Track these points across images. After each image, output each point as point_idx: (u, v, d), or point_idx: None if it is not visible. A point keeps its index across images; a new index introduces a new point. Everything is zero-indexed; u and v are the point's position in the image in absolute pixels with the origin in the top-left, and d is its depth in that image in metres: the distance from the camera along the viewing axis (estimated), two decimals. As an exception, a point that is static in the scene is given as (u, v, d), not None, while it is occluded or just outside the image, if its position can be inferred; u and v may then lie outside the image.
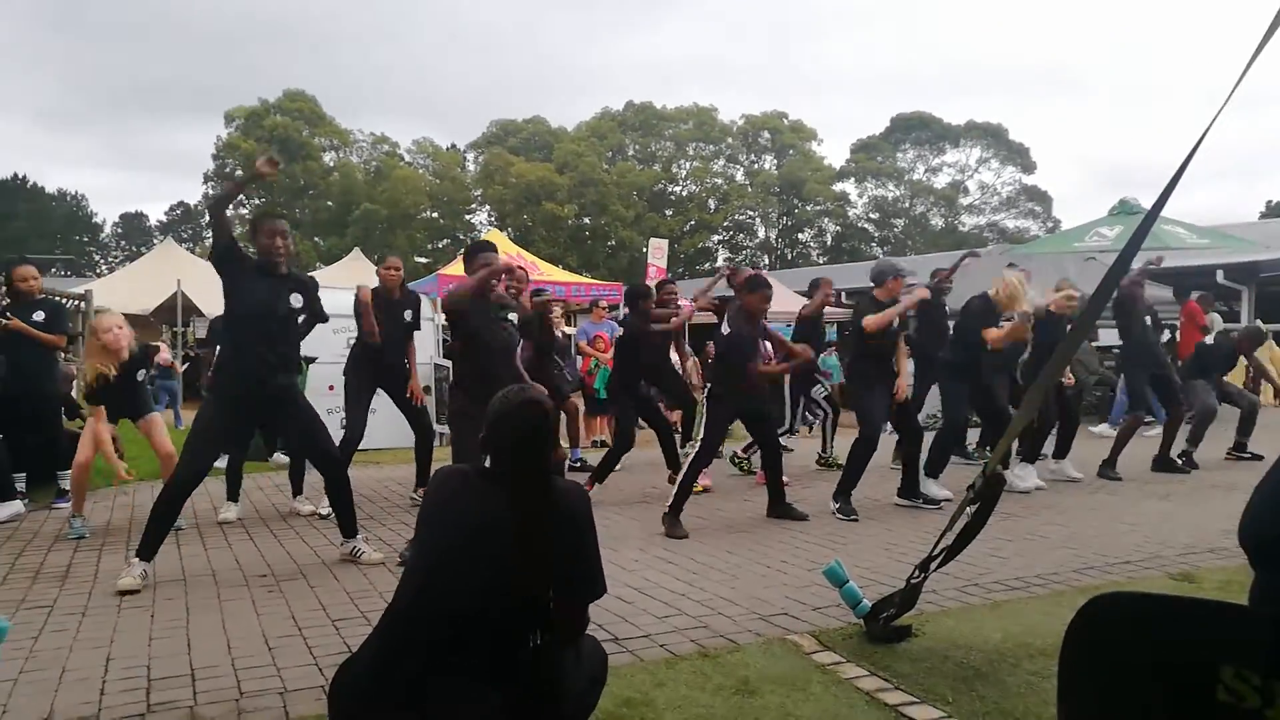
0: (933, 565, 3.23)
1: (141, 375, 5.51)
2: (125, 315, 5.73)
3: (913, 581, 3.29)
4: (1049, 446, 7.24)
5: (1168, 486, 6.81)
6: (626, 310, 6.88)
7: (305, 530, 5.46)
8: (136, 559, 4.13)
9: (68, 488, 5.66)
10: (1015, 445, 6.49)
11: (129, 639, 3.39)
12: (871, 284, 6.17)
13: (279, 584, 4.20)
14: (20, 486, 5.98)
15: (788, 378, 7.48)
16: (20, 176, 54.17)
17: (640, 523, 5.65)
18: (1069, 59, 70.49)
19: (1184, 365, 8.60)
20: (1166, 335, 10.37)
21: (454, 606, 2.01)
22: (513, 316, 4.87)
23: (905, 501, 6.11)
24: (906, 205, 49.19)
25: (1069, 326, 6.93)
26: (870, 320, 5.83)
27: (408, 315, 6.01)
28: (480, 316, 4.63)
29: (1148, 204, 6.75)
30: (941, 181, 49.28)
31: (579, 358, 9.36)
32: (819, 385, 7.67)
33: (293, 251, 4.58)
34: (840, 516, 5.70)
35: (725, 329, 5.73)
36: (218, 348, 5.40)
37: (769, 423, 5.98)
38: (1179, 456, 7.60)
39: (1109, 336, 14.03)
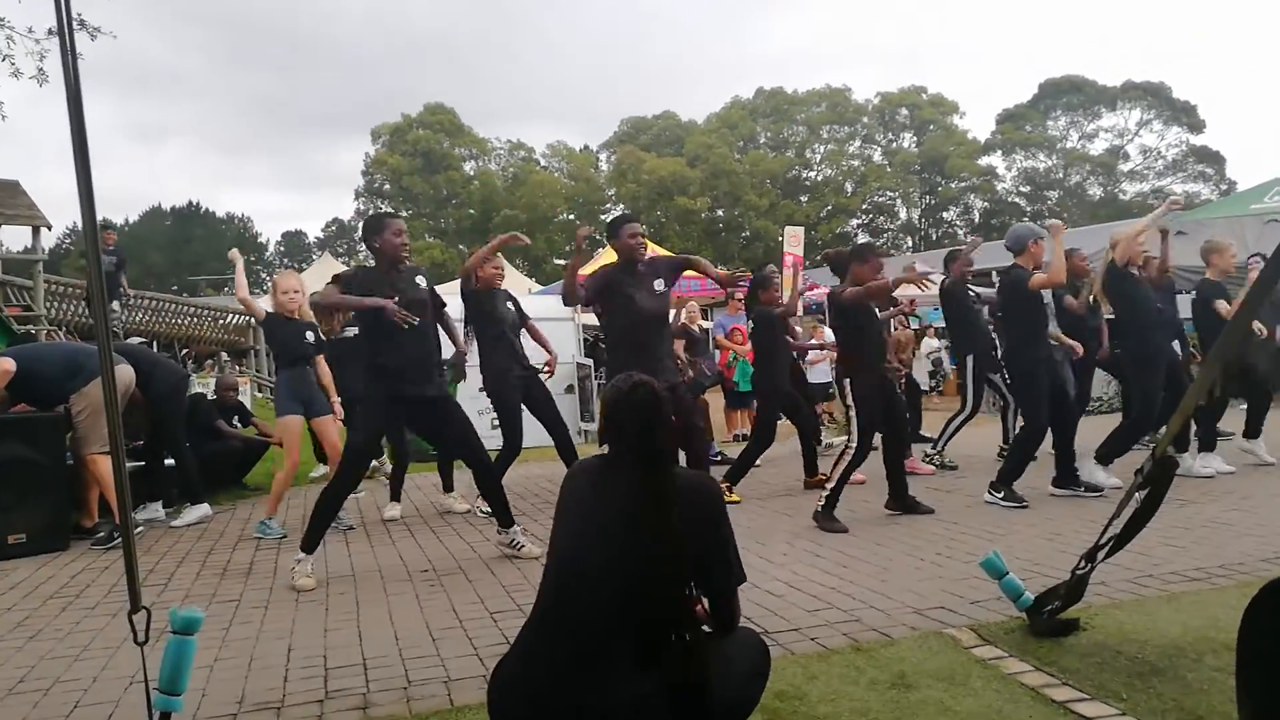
0: (1100, 555, 3.05)
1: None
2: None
3: (1079, 572, 3.12)
4: (1238, 425, 6.70)
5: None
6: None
7: (462, 527, 5.70)
8: (302, 553, 4.36)
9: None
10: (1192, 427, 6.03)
11: (307, 631, 3.63)
12: (1011, 254, 5.86)
13: (440, 578, 4.40)
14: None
15: (971, 357, 7.15)
16: (195, 203, 58.89)
17: (787, 516, 5.60)
18: (1235, 2, 64.82)
19: None
20: None
21: (592, 598, 2.04)
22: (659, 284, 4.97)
23: (1063, 491, 5.78)
24: (1060, 176, 46.50)
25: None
26: (1037, 279, 5.50)
27: (510, 306, 6.01)
28: (629, 284, 4.74)
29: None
30: (1098, 148, 46.30)
31: (717, 351, 9.33)
32: (1002, 371, 7.08)
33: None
34: (1006, 504, 5.46)
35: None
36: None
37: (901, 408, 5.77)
38: None
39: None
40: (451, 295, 5.74)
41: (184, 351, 14.88)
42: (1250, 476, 6.17)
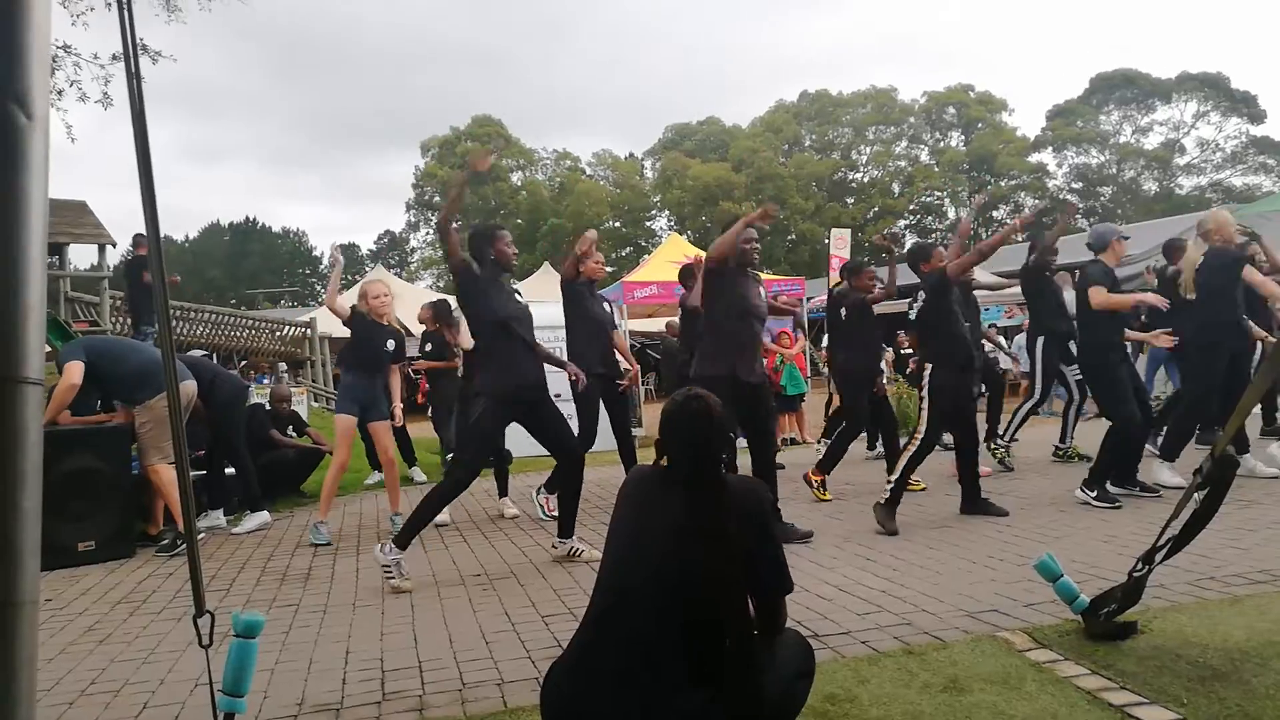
0: (1158, 557, 3.00)
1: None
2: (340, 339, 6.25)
3: (1136, 575, 3.06)
4: None
5: None
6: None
7: (513, 532, 5.77)
8: (396, 550, 4.41)
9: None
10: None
11: (364, 634, 3.71)
12: (1092, 252, 5.76)
13: (492, 582, 4.46)
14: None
15: (1040, 346, 7.03)
16: (251, 219, 60.34)
17: (838, 520, 5.56)
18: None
19: None
20: None
21: (645, 606, 2.07)
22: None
23: (1119, 491, 5.66)
24: (1113, 171, 45.48)
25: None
26: (1101, 299, 5.40)
27: (607, 307, 6.14)
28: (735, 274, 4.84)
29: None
30: (1153, 142, 45.21)
31: (763, 356, 9.30)
32: (1075, 365, 6.89)
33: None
34: (1099, 504, 5.36)
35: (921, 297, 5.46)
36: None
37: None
38: None
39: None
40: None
41: (243, 363, 15.25)
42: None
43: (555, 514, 5.48)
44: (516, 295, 4.87)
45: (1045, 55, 69.49)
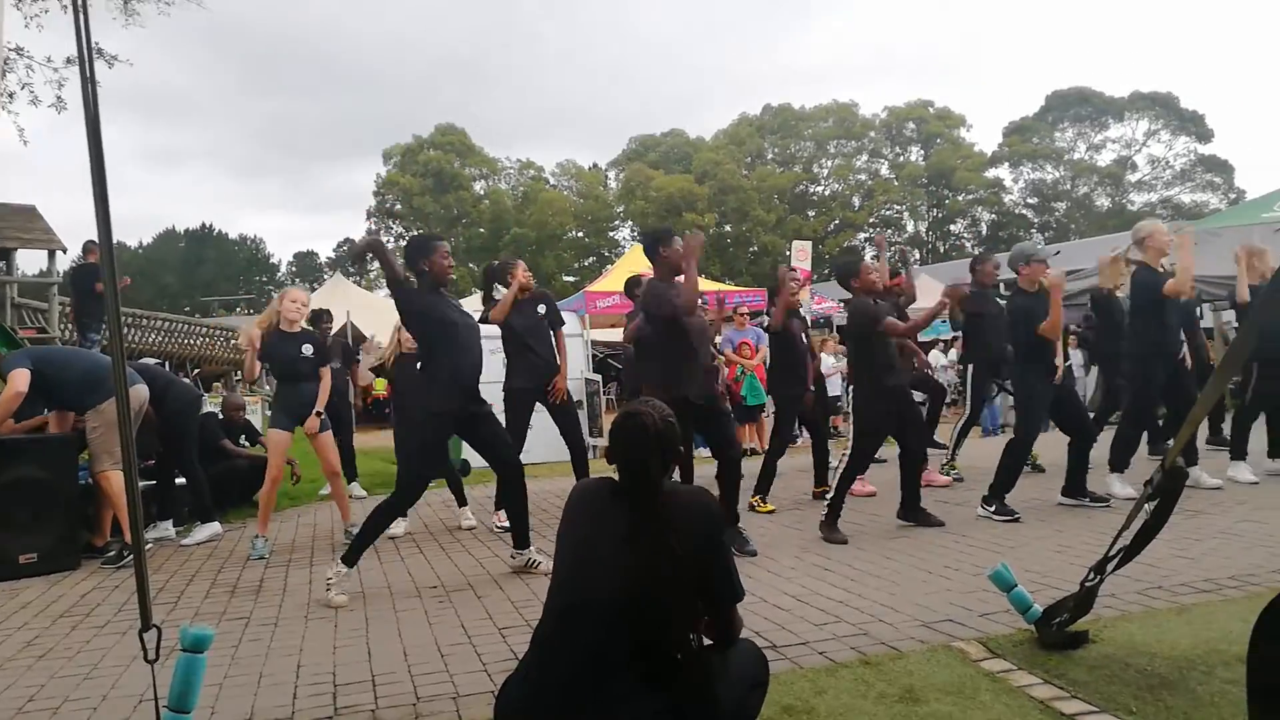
0: (1109, 567, 3.04)
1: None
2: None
3: (1088, 584, 3.10)
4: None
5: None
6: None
7: (471, 543, 5.71)
8: (342, 566, 4.36)
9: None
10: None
11: (316, 648, 3.64)
12: (1013, 270, 5.89)
13: (448, 595, 4.41)
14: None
15: (971, 369, 7.11)
16: (207, 225, 59.40)
17: (795, 530, 5.59)
18: (1241, 10, 64.75)
19: None
20: None
21: (595, 617, 2.06)
22: None
23: (1070, 501, 5.77)
24: (1068, 187, 46.46)
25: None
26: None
27: (541, 309, 6.06)
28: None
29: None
30: (1106, 159, 46.29)
31: (725, 366, 9.35)
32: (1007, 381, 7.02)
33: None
34: (999, 518, 5.46)
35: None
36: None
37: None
38: None
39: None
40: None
41: (195, 371, 14.97)
42: (1261, 488, 6.13)
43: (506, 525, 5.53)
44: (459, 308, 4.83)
45: (1003, 73, 70.93)
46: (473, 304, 7.70)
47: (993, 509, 5.55)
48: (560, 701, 2.04)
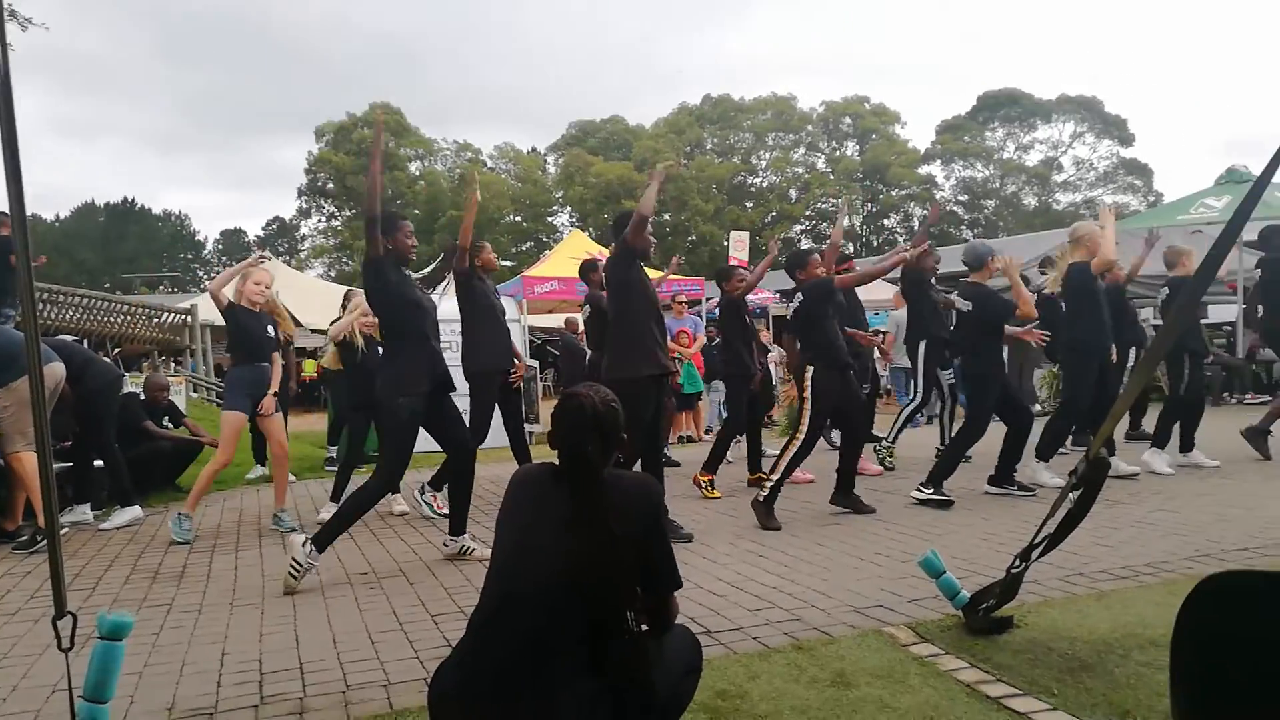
0: (1034, 554, 3.13)
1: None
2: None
3: (1013, 571, 3.19)
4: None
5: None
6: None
7: (403, 530, 5.62)
8: (312, 546, 4.22)
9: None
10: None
11: (242, 635, 3.54)
12: (968, 269, 6.02)
13: (380, 581, 4.34)
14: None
15: (922, 351, 7.22)
16: (129, 200, 57.27)
17: (730, 517, 5.63)
18: (1164, 21, 67.08)
19: None
20: None
21: (533, 603, 2.04)
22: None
23: (996, 490, 5.94)
24: (997, 185, 47.68)
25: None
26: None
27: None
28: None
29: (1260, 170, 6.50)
30: (1033, 159, 47.61)
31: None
32: (951, 368, 7.16)
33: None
34: (931, 495, 5.63)
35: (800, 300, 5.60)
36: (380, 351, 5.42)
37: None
38: None
39: (1220, 313, 13.36)
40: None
41: (116, 350, 14.44)
42: (1175, 479, 6.37)
43: (445, 511, 5.48)
44: (418, 288, 4.79)
45: (938, 72, 72.21)
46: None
47: (930, 491, 5.69)
48: (495, 687, 2.02)
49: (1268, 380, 12.26)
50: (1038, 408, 8.67)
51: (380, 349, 5.37)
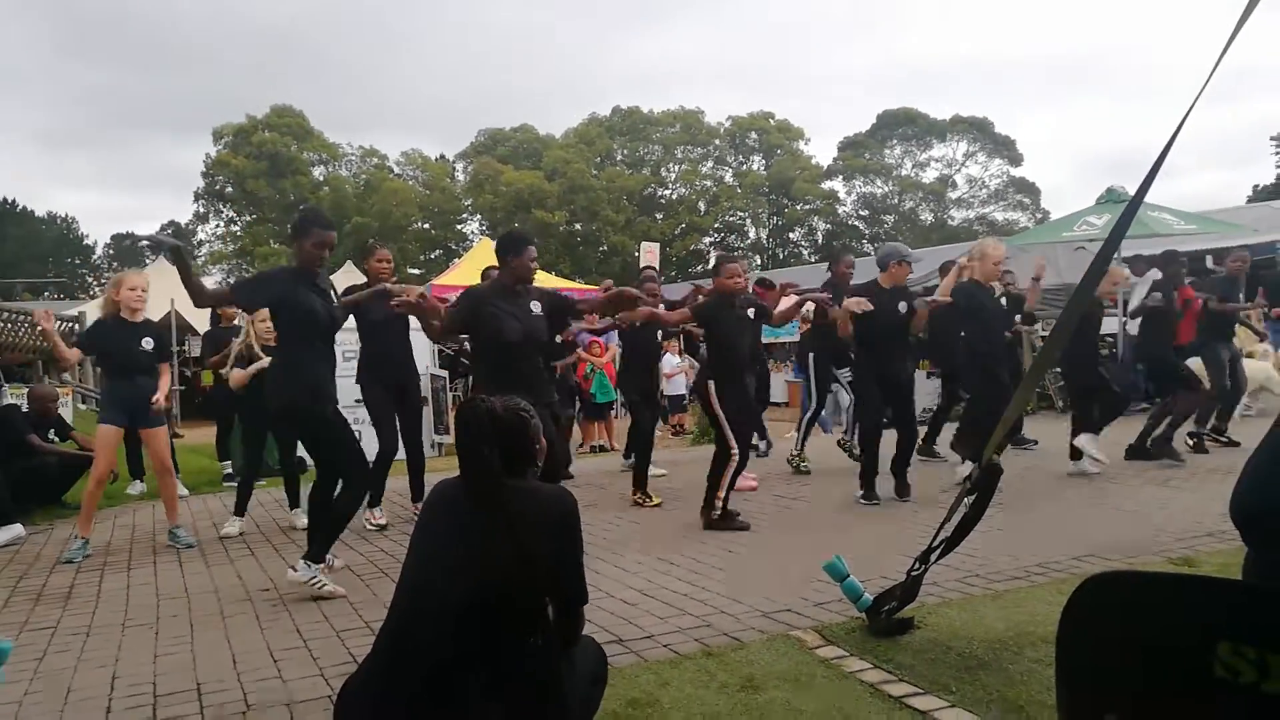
0: (933, 557, 3.25)
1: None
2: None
3: (913, 574, 3.31)
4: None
5: (1168, 473, 6.79)
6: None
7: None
8: (314, 565, 4.14)
9: None
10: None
11: (134, 657, 3.39)
12: (878, 269, 6.19)
13: (282, 597, 4.21)
14: None
15: (812, 358, 7.41)
16: (10, 200, 54.11)
17: (640, 525, 5.66)
18: (1055, 50, 70.55)
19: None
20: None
21: (440, 617, 2.02)
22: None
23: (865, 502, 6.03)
24: (895, 201, 49.26)
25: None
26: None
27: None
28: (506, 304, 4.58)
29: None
30: (929, 176, 49.36)
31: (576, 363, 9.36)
32: (845, 369, 7.33)
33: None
34: (866, 503, 5.91)
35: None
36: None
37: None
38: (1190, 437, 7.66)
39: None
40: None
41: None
42: (1064, 481, 6.66)
43: (382, 522, 5.71)
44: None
45: (839, 90, 74.11)
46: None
47: (861, 494, 5.99)
48: (405, 704, 1.99)
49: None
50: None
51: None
